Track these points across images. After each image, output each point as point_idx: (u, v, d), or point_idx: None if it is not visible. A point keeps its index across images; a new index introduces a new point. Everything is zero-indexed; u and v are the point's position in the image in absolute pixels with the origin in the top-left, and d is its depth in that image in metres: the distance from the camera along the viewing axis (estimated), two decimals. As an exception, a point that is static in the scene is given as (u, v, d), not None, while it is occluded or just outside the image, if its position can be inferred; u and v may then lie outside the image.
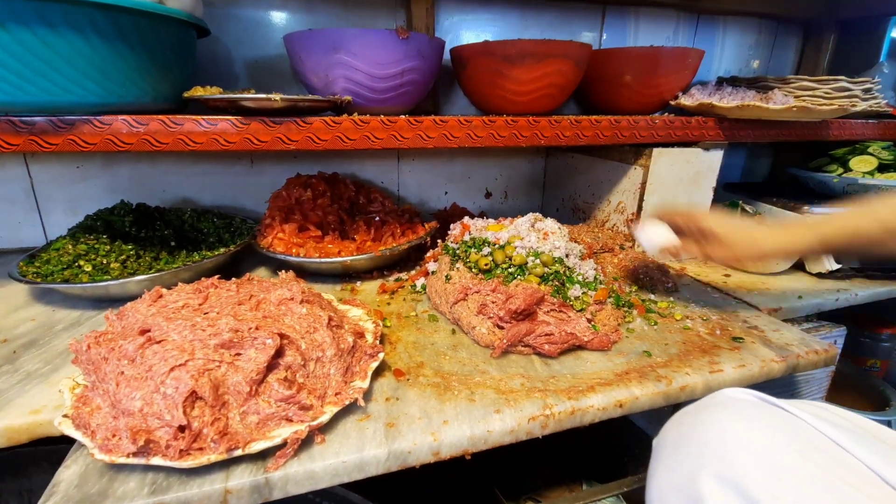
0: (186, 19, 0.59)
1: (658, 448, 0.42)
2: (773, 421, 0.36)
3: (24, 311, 0.63)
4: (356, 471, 0.39)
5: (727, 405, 0.39)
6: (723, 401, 0.40)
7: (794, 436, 0.35)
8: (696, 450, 0.36)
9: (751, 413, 0.37)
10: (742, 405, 0.39)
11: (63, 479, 0.36)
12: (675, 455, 0.38)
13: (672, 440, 0.40)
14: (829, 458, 0.33)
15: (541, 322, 0.56)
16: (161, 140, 0.56)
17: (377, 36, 0.64)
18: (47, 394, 0.46)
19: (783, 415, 0.38)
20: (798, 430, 0.36)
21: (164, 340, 0.38)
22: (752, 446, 0.34)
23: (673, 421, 0.42)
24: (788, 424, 0.36)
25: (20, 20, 0.47)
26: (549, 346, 0.53)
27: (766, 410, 0.38)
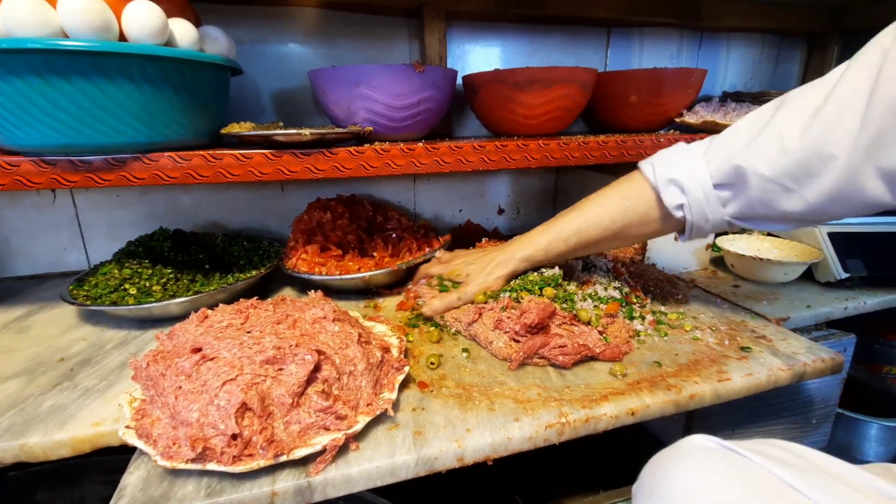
0: (223, 63, 0.65)
1: (636, 495, 0.45)
2: (730, 467, 0.40)
3: (76, 332, 0.69)
4: (388, 475, 0.43)
5: (691, 454, 0.43)
6: (688, 449, 0.43)
7: (749, 480, 0.39)
8: (665, 498, 0.40)
9: (711, 462, 0.41)
10: (704, 454, 0.42)
11: (129, 484, 0.40)
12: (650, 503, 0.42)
13: (646, 489, 0.44)
14: (777, 496, 0.37)
15: (554, 335, 0.59)
16: (202, 174, 0.61)
17: (395, 71, 0.70)
18: (106, 407, 0.50)
19: (740, 460, 0.41)
20: (752, 473, 0.40)
21: (216, 357, 0.43)
22: (710, 493, 0.38)
23: (647, 469, 0.46)
24: (743, 469, 0.40)
25: (81, 73, 0.53)
26: (563, 357, 0.57)
27: (724, 457, 0.42)
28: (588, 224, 0.64)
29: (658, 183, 0.59)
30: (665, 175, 0.59)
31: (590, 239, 0.64)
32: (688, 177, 0.57)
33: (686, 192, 0.57)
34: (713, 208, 0.57)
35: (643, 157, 0.82)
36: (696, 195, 0.57)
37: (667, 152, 0.61)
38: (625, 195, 0.63)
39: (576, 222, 0.64)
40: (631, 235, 0.64)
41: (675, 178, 0.58)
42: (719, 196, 0.56)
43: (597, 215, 0.63)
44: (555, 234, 0.66)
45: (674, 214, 0.59)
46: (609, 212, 0.63)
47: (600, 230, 0.63)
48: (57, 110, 0.54)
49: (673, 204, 0.59)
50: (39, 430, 0.47)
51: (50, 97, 0.53)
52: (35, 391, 0.54)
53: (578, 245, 0.65)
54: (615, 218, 0.62)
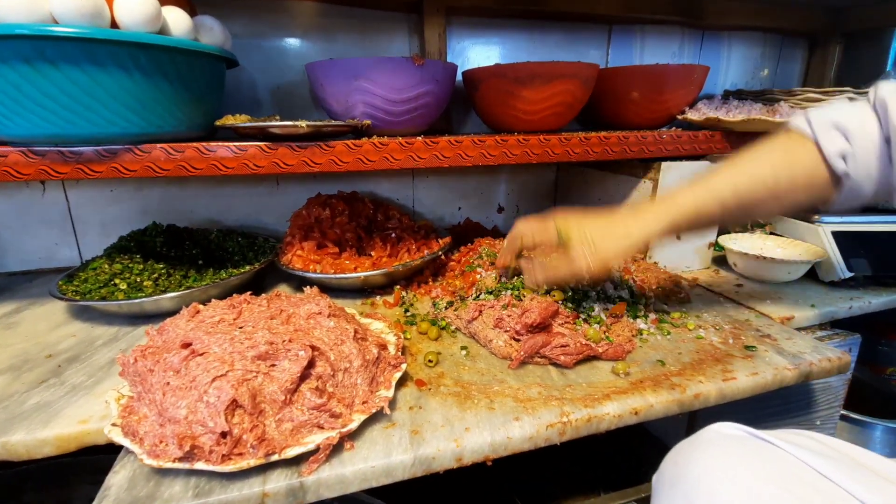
0: (218, 54, 0.64)
1: (657, 485, 0.43)
2: (759, 456, 0.38)
3: (65, 328, 0.67)
4: (384, 475, 0.41)
5: (715, 442, 0.40)
6: (712, 437, 0.41)
7: (779, 469, 0.37)
8: (689, 488, 0.38)
9: (736, 449, 0.39)
10: (728, 441, 0.40)
11: (114, 484, 0.39)
12: (672, 494, 0.40)
13: (667, 479, 0.42)
14: (812, 489, 0.35)
15: (556, 334, 0.58)
16: (196, 166, 0.60)
17: (394, 64, 0.68)
18: (93, 405, 0.49)
19: (768, 448, 0.39)
20: (782, 462, 0.37)
21: (206, 353, 0.41)
22: (737, 484, 0.36)
23: (669, 458, 0.44)
24: (773, 458, 0.38)
25: (71, 60, 0.52)
26: (564, 356, 0.55)
27: (750, 445, 0.39)
28: (747, 179, 0.52)
29: (816, 128, 0.50)
30: (827, 117, 0.50)
31: (749, 198, 0.52)
32: (854, 121, 0.48)
33: (850, 138, 0.48)
34: (882, 163, 0.48)
35: (646, 154, 0.82)
36: (862, 141, 0.48)
37: (823, 105, 0.53)
38: (783, 146, 0.53)
39: (730, 177, 0.53)
40: (794, 195, 0.53)
41: (838, 121, 0.49)
42: (891, 153, 0.47)
43: (757, 168, 0.52)
44: (705, 193, 0.53)
45: (834, 166, 0.49)
46: (770, 164, 0.52)
47: (762, 187, 0.52)
48: (46, 99, 0.52)
49: (834, 150, 0.49)
50: (23, 428, 0.45)
51: (39, 85, 0.52)
52: (20, 388, 0.52)
53: (736, 206, 0.53)
54: (778, 172, 0.51)
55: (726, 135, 0.85)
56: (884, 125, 0.48)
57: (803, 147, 0.51)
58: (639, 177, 0.88)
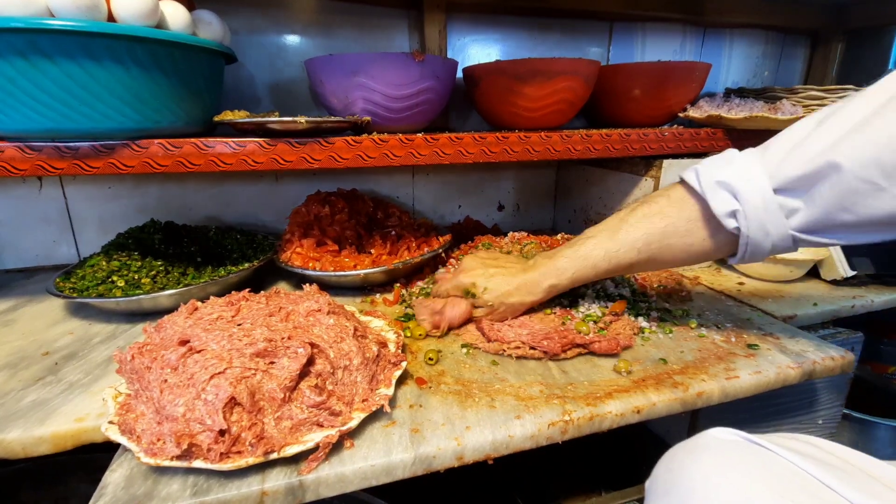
0: (217, 48, 0.63)
1: (650, 491, 0.42)
2: (756, 463, 0.37)
3: (63, 326, 0.67)
4: (384, 474, 0.41)
5: (711, 448, 0.39)
6: (707, 443, 0.40)
7: (776, 476, 0.36)
8: (683, 495, 0.37)
9: (732, 455, 0.38)
10: (724, 447, 0.39)
11: (111, 482, 0.38)
12: (665, 500, 0.39)
13: (661, 485, 0.41)
14: (811, 497, 0.34)
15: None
16: (194, 162, 0.59)
17: (394, 59, 0.68)
18: (90, 402, 0.48)
19: (765, 454, 0.38)
20: (780, 469, 0.37)
21: (204, 350, 0.41)
22: (735, 491, 0.35)
23: (662, 464, 0.43)
24: (770, 464, 0.37)
25: (67, 54, 0.51)
26: (547, 341, 0.55)
27: (748, 451, 0.39)
28: (619, 247, 0.55)
29: (704, 187, 0.50)
30: (713, 177, 0.49)
31: (621, 263, 0.56)
32: (741, 179, 0.48)
33: (740, 197, 0.47)
34: (774, 218, 0.47)
35: (648, 151, 0.81)
36: (752, 201, 0.47)
37: (712, 158, 0.53)
38: (661, 209, 0.54)
39: (604, 245, 0.56)
40: (671, 258, 0.55)
41: (726, 180, 0.48)
42: (782, 204, 0.47)
43: (629, 235, 0.54)
44: (581, 261, 0.57)
45: (725, 225, 0.49)
46: (644, 231, 0.54)
47: (634, 253, 0.54)
48: (42, 93, 0.52)
49: (724, 211, 0.49)
50: (19, 426, 0.45)
51: (34, 79, 0.51)
52: (17, 385, 0.52)
53: (609, 270, 0.57)
54: (651, 238, 0.53)
55: (728, 132, 0.84)
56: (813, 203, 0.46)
57: (690, 205, 0.52)
58: (640, 175, 0.87)
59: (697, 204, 0.52)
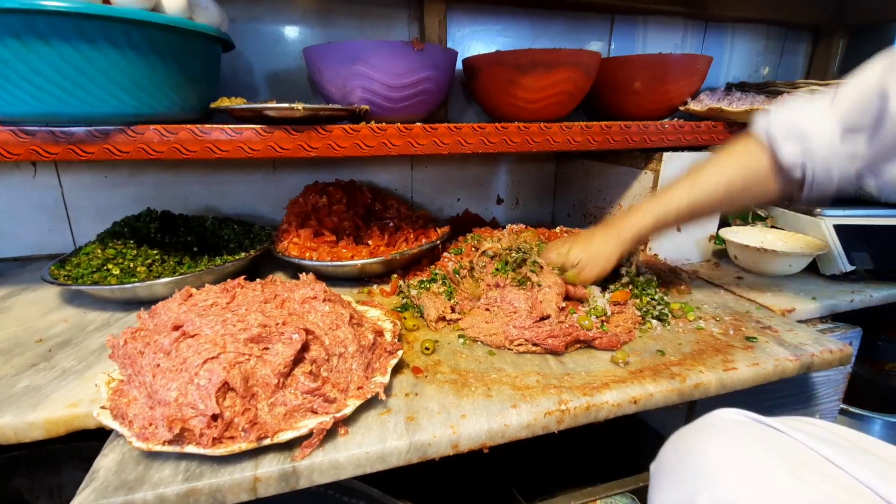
0: (214, 34, 0.63)
1: (656, 473, 0.42)
2: (766, 442, 0.37)
3: (57, 313, 0.66)
4: (378, 462, 0.41)
5: (720, 428, 0.39)
6: (716, 423, 0.40)
7: (787, 455, 0.36)
8: (692, 475, 0.37)
9: (743, 435, 0.38)
10: (734, 427, 0.39)
11: (102, 467, 0.38)
12: (673, 480, 0.39)
13: (669, 465, 0.40)
14: (822, 476, 0.34)
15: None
16: (190, 148, 0.58)
17: (393, 48, 0.67)
18: (83, 389, 0.48)
19: (775, 434, 0.38)
20: (790, 449, 0.36)
21: (198, 335, 0.40)
22: (746, 469, 0.34)
23: (669, 445, 0.42)
24: (780, 444, 0.37)
25: (62, 36, 0.50)
26: (551, 339, 0.55)
27: (758, 431, 0.38)
28: (699, 194, 0.59)
29: (772, 133, 0.54)
30: (781, 123, 0.53)
31: (701, 208, 0.60)
32: (808, 121, 0.51)
33: (806, 140, 0.51)
34: (840, 161, 0.50)
35: (648, 144, 0.80)
36: (818, 144, 0.50)
37: (784, 104, 0.56)
38: (736, 158, 0.58)
39: (685, 193, 0.60)
40: (746, 199, 0.60)
41: (794, 126, 0.52)
42: (847, 147, 0.50)
43: (708, 184, 0.59)
44: (664, 207, 0.62)
45: (791, 173, 0.53)
46: (720, 178, 0.58)
47: (711, 199, 0.59)
48: (36, 76, 0.51)
49: (790, 160, 0.53)
50: (11, 411, 0.44)
51: (29, 62, 0.50)
52: (10, 372, 0.51)
53: (690, 215, 0.62)
54: (730, 184, 0.57)
55: (729, 125, 0.84)
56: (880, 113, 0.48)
57: (760, 156, 0.56)
58: (640, 168, 0.87)
59: (767, 149, 0.55)
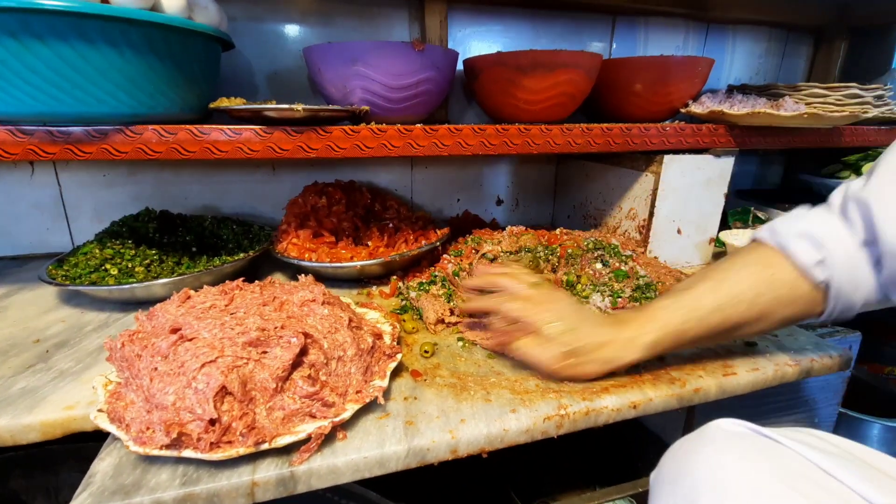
0: (213, 34, 0.62)
1: (655, 483, 0.42)
2: (764, 453, 0.37)
3: (55, 313, 0.66)
4: (377, 466, 0.40)
5: (718, 439, 0.39)
6: (715, 434, 0.40)
7: (786, 468, 0.35)
8: (691, 486, 0.37)
9: (740, 446, 0.38)
10: (731, 438, 0.39)
11: (99, 471, 0.38)
12: (672, 492, 0.39)
13: (668, 477, 0.40)
14: (819, 488, 0.34)
15: None
16: (189, 149, 0.58)
17: (394, 48, 0.67)
18: (80, 391, 0.48)
19: (774, 446, 0.38)
20: (789, 460, 0.36)
21: (196, 338, 0.40)
22: (744, 481, 0.34)
23: (668, 456, 0.42)
24: (779, 456, 0.37)
25: (59, 35, 0.50)
26: None
27: (754, 442, 0.38)
28: (729, 298, 0.48)
29: (784, 239, 0.47)
30: (791, 229, 0.47)
31: (733, 318, 0.48)
32: (822, 229, 0.46)
33: (822, 246, 0.45)
34: (862, 270, 0.44)
35: (649, 146, 0.80)
36: (835, 249, 0.45)
37: (784, 216, 0.50)
38: (757, 259, 0.49)
39: (712, 296, 0.48)
40: (780, 311, 0.48)
41: (807, 230, 0.46)
42: (868, 256, 0.44)
43: (736, 286, 0.48)
44: (688, 311, 0.48)
45: (811, 275, 0.45)
46: (748, 282, 0.48)
47: (745, 306, 0.48)
48: (34, 75, 0.51)
49: (808, 260, 0.45)
50: (7, 413, 0.44)
51: (26, 61, 0.50)
52: (6, 373, 0.51)
53: (720, 327, 0.48)
54: (760, 289, 0.47)
55: (730, 128, 0.84)
56: (867, 228, 0.44)
57: (777, 260, 0.48)
58: (641, 170, 0.87)
59: (781, 255, 0.48)
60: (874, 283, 0.45)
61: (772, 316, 0.48)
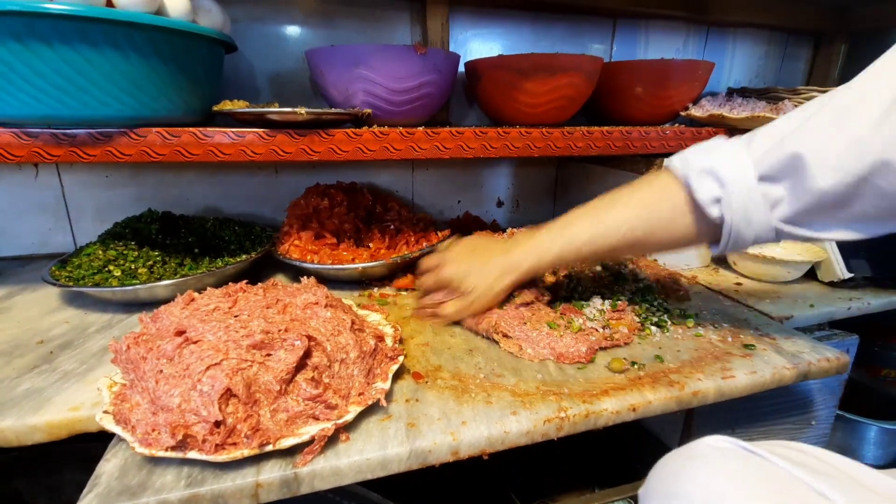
0: (216, 37, 0.63)
1: (644, 499, 0.42)
2: (753, 472, 0.37)
3: (58, 314, 0.66)
4: (379, 468, 0.41)
5: (706, 456, 0.39)
6: (703, 451, 0.40)
7: (773, 486, 0.36)
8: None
9: (729, 464, 0.38)
10: (720, 455, 0.39)
11: (104, 472, 0.38)
12: None
13: (657, 493, 0.41)
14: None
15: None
16: (192, 151, 0.58)
17: (396, 52, 0.67)
18: (85, 392, 0.48)
19: (761, 464, 0.38)
20: (776, 478, 0.37)
21: (200, 341, 0.40)
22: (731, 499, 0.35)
23: (656, 472, 0.43)
24: (767, 474, 0.37)
25: (64, 39, 0.50)
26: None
27: (745, 460, 0.39)
28: (604, 231, 0.54)
29: (689, 173, 0.50)
30: (697, 164, 0.49)
31: (605, 248, 0.55)
32: (726, 165, 0.47)
33: (724, 184, 0.47)
34: (758, 208, 0.47)
35: (649, 150, 0.81)
36: (736, 186, 0.47)
37: (700, 145, 0.52)
38: (646, 196, 0.54)
39: (589, 229, 0.55)
40: (655, 244, 0.55)
41: (711, 167, 0.48)
42: (766, 193, 0.46)
43: (614, 221, 0.54)
44: (566, 242, 0.56)
45: (708, 213, 0.49)
46: (628, 217, 0.53)
47: (618, 238, 0.54)
48: (38, 79, 0.51)
49: (707, 197, 0.48)
50: (13, 414, 0.44)
51: (31, 64, 0.50)
52: (11, 374, 0.51)
53: (592, 254, 0.56)
54: (635, 224, 0.53)
55: (730, 132, 0.84)
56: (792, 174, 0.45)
57: (675, 191, 0.51)
58: (640, 172, 0.87)
59: (682, 191, 0.51)
60: (769, 223, 0.47)
61: (651, 242, 0.54)
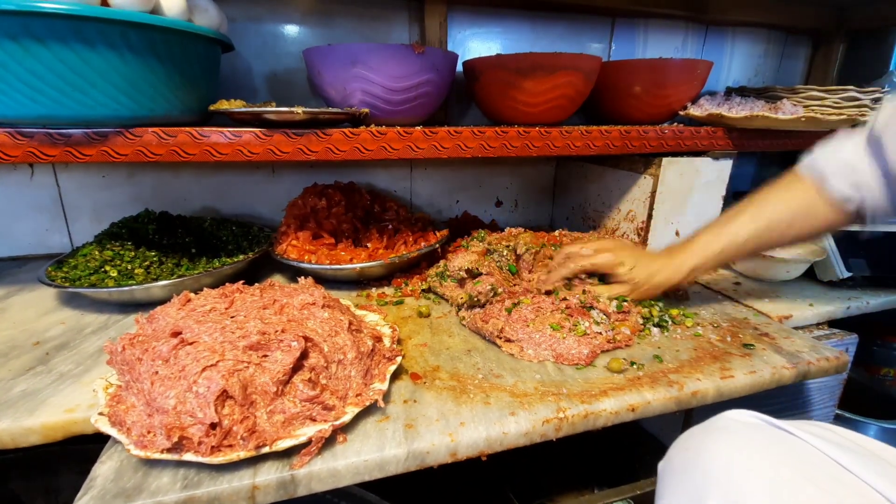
0: (213, 36, 0.62)
1: (664, 473, 0.42)
2: (776, 444, 0.37)
3: (54, 315, 0.66)
4: (377, 470, 0.41)
5: (730, 429, 0.39)
6: (726, 425, 0.40)
7: (797, 459, 0.35)
8: (702, 477, 0.37)
9: (754, 437, 0.38)
10: (745, 429, 0.39)
11: (100, 474, 0.38)
12: (682, 482, 0.38)
13: (678, 466, 0.40)
14: (833, 480, 0.34)
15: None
16: (188, 151, 0.58)
17: (394, 51, 0.67)
18: (81, 393, 0.48)
19: (786, 437, 0.38)
20: (801, 452, 0.36)
21: (196, 342, 0.40)
22: (756, 472, 0.34)
23: (678, 446, 0.42)
24: (791, 447, 0.37)
25: (60, 38, 0.50)
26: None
27: (768, 433, 0.38)
28: (766, 227, 0.59)
29: (819, 170, 0.56)
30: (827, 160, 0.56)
31: (766, 243, 0.61)
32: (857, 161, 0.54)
33: (857, 179, 0.53)
34: (886, 194, 0.53)
35: (648, 149, 0.80)
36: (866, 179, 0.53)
37: (827, 145, 0.58)
38: (795, 192, 0.59)
39: (750, 226, 0.60)
40: (805, 233, 0.60)
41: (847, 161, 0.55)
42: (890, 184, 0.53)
43: (774, 215, 0.59)
44: (729, 240, 0.60)
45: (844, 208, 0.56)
46: (785, 211, 0.58)
47: (778, 233, 0.59)
48: (34, 78, 0.51)
49: (841, 194, 0.55)
50: (8, 416, 0.44)
51: (26, 64, 0.50)
52: (6, 375, 0.51)
53: (756, 250, 0.61)
54: (794, 219, 0.58)
55: (728, 131, 0.84)
56: (880, 163, 0.52)
57: (814, 192, 0.57)
58: (639, 172, 0.87)
59: (815, 188, 0.57)
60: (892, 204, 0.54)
61: (801, 236, 0.60)
